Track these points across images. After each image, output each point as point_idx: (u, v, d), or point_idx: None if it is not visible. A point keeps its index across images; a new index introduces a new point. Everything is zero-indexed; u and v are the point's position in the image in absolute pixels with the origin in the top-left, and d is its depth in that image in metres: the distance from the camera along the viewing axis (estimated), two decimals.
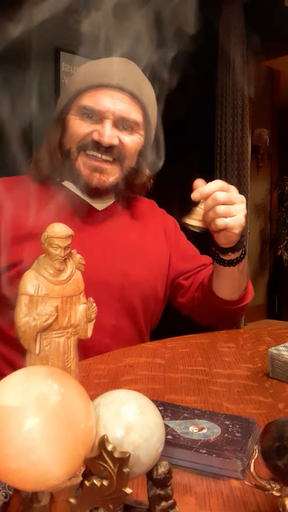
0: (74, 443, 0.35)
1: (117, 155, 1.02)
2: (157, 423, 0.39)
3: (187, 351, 0.95)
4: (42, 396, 0.35)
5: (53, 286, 0.45)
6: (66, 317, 0.46)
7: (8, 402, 0.34)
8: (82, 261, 0.48)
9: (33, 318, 0.44)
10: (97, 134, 1.00)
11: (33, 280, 0.44)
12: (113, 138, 1.00)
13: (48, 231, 0.45)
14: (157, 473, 0.39)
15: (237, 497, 0.47)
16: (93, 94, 1.01)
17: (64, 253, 0.45)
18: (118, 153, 1.02)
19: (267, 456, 0.40)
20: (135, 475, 0.38)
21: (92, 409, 0.38)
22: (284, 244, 4.77)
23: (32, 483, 0.35)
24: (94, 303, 0.47)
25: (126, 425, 0.37)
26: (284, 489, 0.39)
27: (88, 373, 0.82)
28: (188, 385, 0.77)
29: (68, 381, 0.38)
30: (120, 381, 0.79)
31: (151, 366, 0.86)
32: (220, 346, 0.98)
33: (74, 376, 0.46)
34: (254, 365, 0.86)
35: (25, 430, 0.33)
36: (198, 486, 0.49)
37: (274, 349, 0.80)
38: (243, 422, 0.59)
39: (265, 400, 0.71)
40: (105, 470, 0.35)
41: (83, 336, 0.47)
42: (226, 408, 0.68)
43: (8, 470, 0.34)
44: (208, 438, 0.55)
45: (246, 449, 0.53)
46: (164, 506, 0.39)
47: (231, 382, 0.78)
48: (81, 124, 1.02)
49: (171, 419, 0.60)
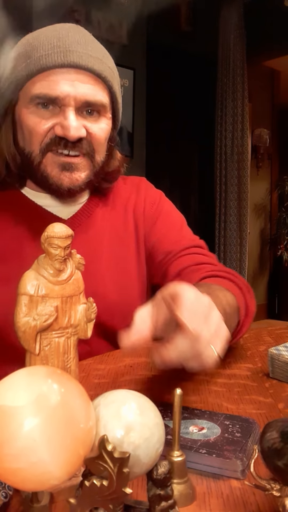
0: (74, 443, 0.35)
1: (86, 149, 0.87)
2: (157, 423, 0.39)
3: None
4: (42, 396, 0.35)
5: (53, 286, 0.45)
6: (66, 317, 0.46)
7: (8, 402, 0.34)
8: (82, 261, 0.48)
9: (33, 318, 0.44)
10: (60, 128, 0.83)
11: (33, 280, 0.44)
12: (80, 129, 0.84)
13: (48, 231, 0.45)
14: (157, 473, 0.39)
15: (237, 497, 0.47)
16: (45, 77, 0.82)
17: (64, 253, 0.45)
18: (87, 146, 0.87)
19: (267, 456, 0.40)
20: (135, 475, 0.38)
21: (92, 409, 0.38)
22: (284, 244, 4.77)
23: (32, 483, 0.35)
24: (94, 303, 0.47)
25: (126, 425, 0.37)
26: (284, 489, 0.39)
27: (88, 373, 0.82)
28: (188, 385, 0.77)
29: (68, 381, 0.38)
30: (120, 381, 0.79)
31: (151, 366, 0.86)
32: None
33: (74, 376, 0.46)
34: (254, 365, 0.86)
35: (25, 430, 0.33)
36: (198, 486, 0.49)
37: (274, 349, 0.80)
38: (243, 422, 0.59)
39: (265, 400, 0.71)
40: (105, 470, 0.35)
41: (83, 336, 0.47)
42: (226, 408, 0.68)
43: (8, 470, 0.34)
44: (208, 438, 0.55)
45: (246, 449, 0.53)
46: (164, 506, 0.39)
47: (231, 382, 0.78)
48: (37, 119, 0.84)
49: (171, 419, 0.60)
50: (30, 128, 0.85)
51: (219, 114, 4.15)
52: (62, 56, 0.82)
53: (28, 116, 0.85)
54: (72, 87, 0.83)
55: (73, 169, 0.87)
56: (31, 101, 0.84)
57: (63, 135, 0.84)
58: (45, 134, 0.85)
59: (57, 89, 0.82)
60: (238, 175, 4.12)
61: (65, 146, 0.85)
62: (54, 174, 0.87)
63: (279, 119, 5.01)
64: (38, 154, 0.86)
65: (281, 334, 1.08)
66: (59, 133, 0.84)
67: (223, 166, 4.16)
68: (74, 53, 0.82)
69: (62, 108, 0.84)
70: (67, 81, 0.82)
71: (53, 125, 0.84)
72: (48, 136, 0.85)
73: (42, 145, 0.85)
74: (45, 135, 0.85)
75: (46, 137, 0.85)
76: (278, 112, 5.01)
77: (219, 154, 4.16)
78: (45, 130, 0.84)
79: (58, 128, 0.84)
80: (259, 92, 4.64)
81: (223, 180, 4.17)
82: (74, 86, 0.83)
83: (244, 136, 4.08)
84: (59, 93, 0.82)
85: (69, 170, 0.87)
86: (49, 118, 0.84)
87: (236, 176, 4.13)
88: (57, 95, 0.82)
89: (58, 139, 0.84)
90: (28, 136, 0.86)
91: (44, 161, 0.86)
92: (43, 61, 0.82)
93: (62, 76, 0.82)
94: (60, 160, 0.86)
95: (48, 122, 0.84)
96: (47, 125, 0.84)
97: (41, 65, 0.82)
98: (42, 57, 0.82)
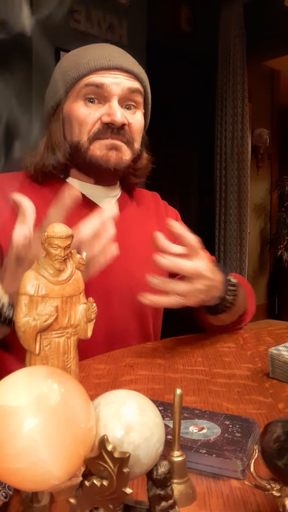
0: (74, 443, 0.35)
1: (127, 137, 0.99)
2: (157, 423, 0.39)
3: (187, 351, 0.95)
4: (42, 396, 0.35)
5: (53, 286, 0.45)
6: (66, 317, 0.46)
7: (8, 402, 0.34)
8: (82, 261, 0.48)
9: (33, 318, 0.44)
10: (107, 117, 0.96)
11: (33, 280, 0.44)
12: (123, 116, 0.97)
13: (48, 231, 0.45)
14: (157, 473, 0.39)
15: (237, 497, 0.47)
16: (94, 75, 0.97)
17: (64, 253, 0.45)
18: (128, 135, 0.99)
19: (267, 456, 0.40)
20: (135, 475, 0.38)
21: (92, 409, 0.38)
22: (284, 244, 4.77)
23: (32, 483, 0.35)
24: (94, 303, 0.47)
25: (126, 425, 0.37)
26: (284, 489, 0.39)
27: (88, 373, 0.82)
28: (188, 385, 0.77)
29: (68, 381, 0.38)
30: (120, 381, 0.79)
31: (151, 366, 0.86)
32: (220, 346, 0.98)
33: (74, 376, 0.46)
34: (254, 365, 0.86)
35: (25, 430, 0.33)
36: (198, 486, 0.49)
37: (274, 349, 0.80)
38: (243, 422, 0.59)
39: (265, 400, 0.71)
40: (105, 470, 0.35)
41: (83, 336, 0.47)
42: (226, 408, 0.68)
43: (8, 470, 0.34)
44: (208, 438, 0.55)
45: (246, 449, 0.53)
46: (164, 506, 0.39)
47: (231, 382, 0.78)
48: (86, 111, 0.97)
49: (171, 419, 0.60)
50: (80, 120, 0.98)
51: (219, 114, 4.14)
52: (107, 60, 0.97)
53: (79, 109, 0.98)
54: (116, 78, 0.97)
55: (118, 149, 0.98)
56: (79, 95, 0.97)
57: (110, 121, 0.96)
58: (94, 124, 0.97)
59: (104, 79, 0.96)
60: (238, 175, 4.12)
61: (111, 132, 0.97)
62: (102, 154, 0.98)
63: (279, 119, 5.01)
64: (86, 141, 0.98)
65: (281, 334, 1.08)
66: (106, 120, 0.96)
67: (223, 166, 4.15)
68: (116, 58, 0.98)
69: (108, 99, 0.97)
70: (112, 75, 0.97)
71: (100, 115, 0.97)
72: (96, 126, 0.97)
73: (90, 134, 0.97)
74: (93, 125, 0.97)
75: (94, 127, 0.97)
76: (278, 112, 5.01)
77: (219, 154, 4.16)
78: (94, 120, 0.97)
79: (105, 117, 0.97)
80: (259, 92, 4.64)
81: (223, 180, 4.17)
82: (117, 78, 0.98)
83: (244, 136, 4.08)
84: (106, 81, 0.96)
85: (116, 150, 0.98)
86: (96, 110, 0.97)
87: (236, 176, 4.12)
88: (104, 82, 0.96)
89: (105, 127, 0.97)
90: (78, 127, 0.98)
91: (91, 147, 0.98)
92: (92, 64, 0.97)
93: (107, 72, 0.97)
94: (107, 142, 0.98)
95: (96, 113, 0.97)
96: (95, 115, 0.97)
97: (90, 67, 0.97)
98: (90, 61, 0.97)
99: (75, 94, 0.98)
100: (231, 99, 4.06)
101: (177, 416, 0.45)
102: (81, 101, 0.98)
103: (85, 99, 0.98)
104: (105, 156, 0.98)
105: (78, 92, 0.98)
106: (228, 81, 4.06)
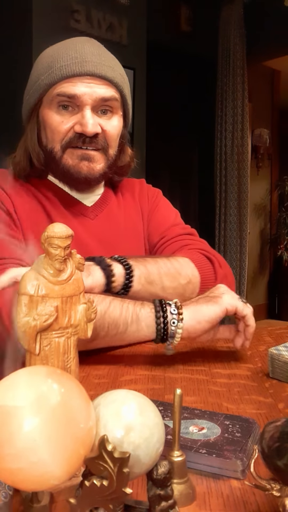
0: (74, 443, 0.35)
1: (101, 144, 0.99)
2: (157, 423, 0.39)
3: (187, 351, 0.95)
4: (42, 396, 0.35)
5: (53, 286, 0.45)
6: (66, 317, 0.46)
7: (8, 402, 0.34)
8: (82, 261, 0.48)
9: (33, 318, 0.44)
10: (79, 126, 0.96)
11: (33, 280, 0.44)
12: (96, 126, 0.96)
13: (48, 231, 0.45)
14: (157, 473, 0.39)
15: (237, 497, 0.47)
16: (66, 84, 0.96)
17: (64, 253, 0.45)
18: (102, 142, 0.99)
19: (267, 456, 0.40)
20: (135, 475, 0.38)
21: (92, 409, 0.38)
22: (284, 244, 4.77)
23: (32, 483, 0.35)
24: (94, 303, 0.47)
25: (126, 425, 0.37)
26: (284, 489, 0.39)
27: (88, 373, 0.82)
28: (188, 385, 0.77)
29: (68, 381, 0.38)
30: (120, 381, 0.79)
31: (151, 366, 0.86)
32: (220, 346, 0.98)
33: (74, 376, 0.46)
34: (254, 365, 0.86)
35: (25, 430, 0.33)
36: (198, 486, 0.49)
37: (274, 349, 0.80)
38: (243, 422, 0.59)
39: (265, 400, 0.71)
40: (105, 470, 0.35)
41: (83, 336, 0.47)
42: (226, 408, 0.68)
43: (8, 470, 0.34)
44: (208, 438, 0.55)
45: (246, 449, 0.53)
46: (164, 506, 0.39)
47: (231, 382, 0.78)
48: (59, 119, 0.97)
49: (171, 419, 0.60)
50: (53, 127, 0.97)
51: (219, 114, 4.14)
52: (79, 66, 0.95)
53: (52, 117, 0.97)
54: (88, 87, 0.95)
55: (90, 159, 0.99)
56: (53, 102, 0.97)
57: (82, 132, 0.96)
58: (66, 133, 0.97)
59: (75, 89, 0.95)
60: (238, 175, 4.12)
61: (83, 142, 0.97)
62: (74, 164, 0.99)
63: (279, 119, 5.01)
64: (59, 150, 0.98)
65: (281, 334, 1.08)
66: (78, 130, 0.96)
67: (223, 166, 4.15)
68: (89, 63, 0.96)
69: (80, 108, 0.96)
70: (84, 83, 0.95)
71: (73, 124, 0.97)
72: (68, 135, 0.97)
73: (63, 142, 0.98)
74: (66, 134, 0.97)
75: (66, 136, 0.97)
76: (278, 112, 5.00)
77: (219, 154, 4.15)
78: (66, 129, 0.97)
79: (78, 126, 0.96)
80: (259, 92, 4.63)
81: (223, 180, 4.17)
82: (90, 87, 0.96)
83: (244, 136, 4.07)
84: (77, 91, 0.95)
85: (88, 160, 0.99)
86: (69, 118, 0.97)
87: (236, 176, 4.12)
88: (75, 93, 0.95)
89: (78, 136, 0.97)
90: (51, 135, 0.98)
91: (65, 156, 0.99)
92: (64, 71, 0.95)
93: (79, 79, 0.95)
94: (79, 152, 0.98)
95: (68, 122, 0.97)
96: (68, 124, 0.97)
97: (62, 74, 0.95)
98: (62, 67, 0.95)
99: (49, 100, 0.98)
100: (231, 99, 4.06)
101: (177, 416, 0.45)
102: (54, 108, 0.97)
103: (59, 106, 0.97)
104: (76, 166, 0.99)
105: (51, 99, 0.97)
106: (228, 81, 4.06)
